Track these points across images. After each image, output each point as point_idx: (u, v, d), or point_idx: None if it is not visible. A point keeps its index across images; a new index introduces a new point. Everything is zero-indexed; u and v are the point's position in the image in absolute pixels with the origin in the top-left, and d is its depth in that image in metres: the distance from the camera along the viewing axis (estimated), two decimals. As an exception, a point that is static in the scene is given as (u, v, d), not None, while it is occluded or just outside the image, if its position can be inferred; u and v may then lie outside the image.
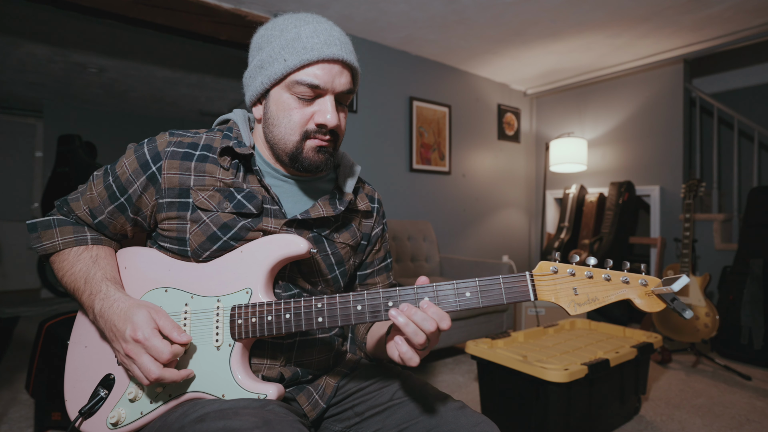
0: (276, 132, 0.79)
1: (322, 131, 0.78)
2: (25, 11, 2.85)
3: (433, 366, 2.65)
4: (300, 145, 0.78)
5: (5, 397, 2.14)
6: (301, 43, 0.75)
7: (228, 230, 0.78)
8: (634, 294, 0.66)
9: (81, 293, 0.78)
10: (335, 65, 0.77)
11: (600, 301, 0.66)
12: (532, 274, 0.68)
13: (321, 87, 0.76)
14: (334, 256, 0.87)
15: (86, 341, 0.83)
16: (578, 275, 0.67)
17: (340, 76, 0.78)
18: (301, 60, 0.74)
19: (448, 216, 3.67)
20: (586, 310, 0.67)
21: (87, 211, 0.83)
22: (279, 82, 0.77)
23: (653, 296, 0.66)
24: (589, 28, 2.94)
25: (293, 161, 0.79)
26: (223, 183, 0.80)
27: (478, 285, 0.69)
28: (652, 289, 0.66)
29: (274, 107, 0.79)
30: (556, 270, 0.68)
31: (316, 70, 0.75)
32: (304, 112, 0.77)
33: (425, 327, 0.65)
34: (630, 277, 0.67)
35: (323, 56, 0.75)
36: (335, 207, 0.85)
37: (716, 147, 3.45)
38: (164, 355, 0.68)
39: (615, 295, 0.66)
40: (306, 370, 0.83)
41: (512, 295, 0.68)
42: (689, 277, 2.62)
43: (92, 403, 0.76)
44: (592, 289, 0.67)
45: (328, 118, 0.76)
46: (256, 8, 2.65)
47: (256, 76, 0.80)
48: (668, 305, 0.66)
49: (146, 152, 0.80)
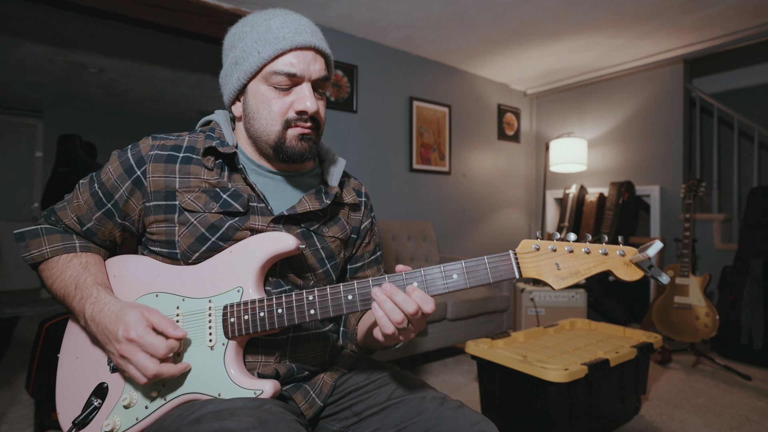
0: (257, 125, 0.80)
1: (303, 118, 0.79)
2: (25, 11, 2.85)
3: (433, 366, 2.65)
4: (282, 135, 0.79)
5: (5, 397, 2.14)
6: (272, 34, 0.77)
7: (216, 230, 0.78)
8: (613, 264, 0.69)
9: (72, 298, 0.77)
10: (309, 52, 0.78)
11: (582, 273, 0.69)
12: (515, 252, 0.69)
13: (297, 74, 0.77)
14: (324, 251, 0.87)
15: (77, 352, 0.82)
16: (559, 250, 0.69)
17: (315, 63, 0.79)
18: (275, 50, 0.76)
19: (448, 216, 3.67)
20: (570, 284, 0.69)
21: (75, 219, 0.83)
22: (255, 75, 0.79)
23: (632, 265, 0.68)
24: (589, 28, 2.94)
25: (277, 152, 0.80)
26: (209, 183, 0.80)
27: (464, 266, 0.70)
28: (629, 258, 0.68)
29: (253, 101, 0.80)
30: (538, 247, 0.69)
31: (291, 59, 0.77)
32: (284, 102, 0.78)
33: (405, 308, 0.66)
34: (608, 249, 0.69)
35: (296, 44, 0.76)
36: (321, 201, 0.85)
37: (716, 147, 3.45)
38: (161, 350, 0.69)
39: (596, 267, 0.69)
40: (301, 366, 0.83)
41: (498, 273, 0.69)
42: (690, 279, 2.64)
43: (86, 414, 0.76)
44: (573, 263, 0.69)
45: (307, 105, 0.77)
46: (256, 8, 2.65)
47: (231, 73, 0.81)
48: (646, 273, 0.68)
49: (130, 157, 0.81)
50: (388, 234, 2.97)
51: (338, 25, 2.94)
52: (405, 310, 0.66)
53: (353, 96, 3.09)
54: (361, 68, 3.14)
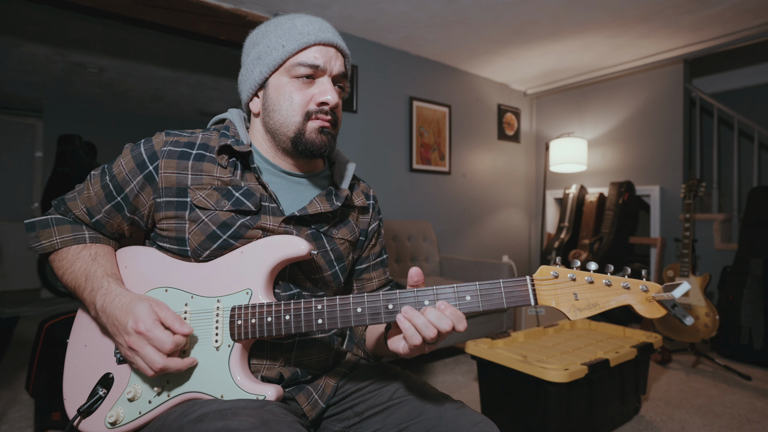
0: (277, 117, 0.81)
1: (324, 110, 0.81)
2: (25, 11, 2.85)
3: (433, 366, 2.65)
4: (302, 127, 0.80)
5: (5, 397, 2.14)
6: (297, 30, 0.80)
7: (227, 228, 0.78)
8: (634, 300, 0.66)
9: (82, 290, 0.78)
10: (331, 48, 0.82)
11: (600, 306, 0.66)
12: (532, 279, 0.68)
13: (321, 67, 0.80)
14: (333, 252, 0.87)
15: (86, 340, 0.83)
16: (579, 280, 0.67)
17: (336, 59, 0.82)
18: (300, 43, 0.79)
19: (448, 216, 3.67)
20: (587, 315, 0.66)
21: (84, 211, 0.83)
22: (278, 68, 0.81)
23: (654, 302, 0.65)
24: (589, 28, 2.94)
25: (296, 144, 0.81)
26: (221, 181, 0.80)
27: (478, 289, 0.68)
28: (652, 295, 0.65)
29: (274, 93, 0.81)
30: (556, 275, 0.67)
31: (315, 53, 0.80)
32: (305, 94, 0.80)
33: (439, 325, 0.65)
34: (631, 283, 0.66)
35: (320, 40, 0.80)
36: (332, 203, 0.86)
37: (716, 147, 3.45)
38: (167, 344, 0.69)
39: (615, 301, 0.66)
40: (305, 370, 0.83)
41: (513, 299, 0.67)
42: (690, 279, 2.64)
43: (91, 402, 0.76)
44: (592, 294, 0.66)
45: (328, 97, 0.80)
46: (256, 8, 2.65)
47: (253, 68, 0.82)
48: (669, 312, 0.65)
49: (143, 151, 0.81)
50: (389, 234, 2.97)
51: (338, 25, 2.94)
52: (440, 327, 0.65)
53: (353, 96, 3.10)
54: (361, 68, 3.14)
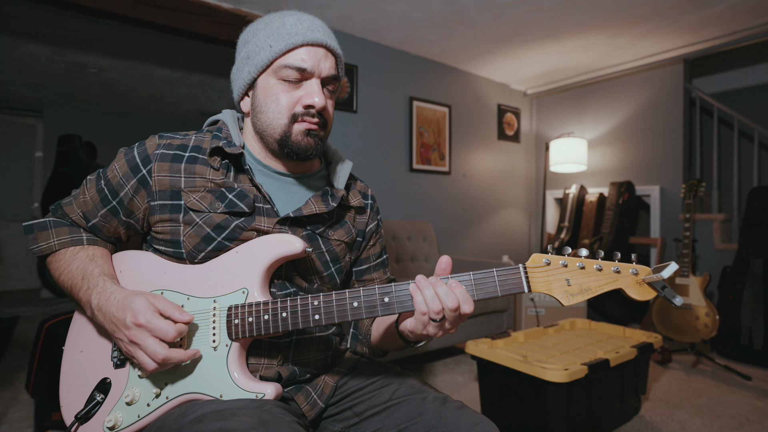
0: (264, 118, 0.80)
1: (310, 113, 0.79)
2: (25, 11, 2.85)
3: (433, 366, 2.65)
4: (288, 129, 0.79)
5: (5, 397, 2.14)
6: (285, 30, 0.78)
7: (222, 230, 0.78)
8: (625, 283, 0.67)
9: (78, 289, 0.78)
10: (320, 49, 0.79)
11: (592, 290, 0.67)
12: (525, 266, 0.69)
13: (308, 70, 0.78)
14: (329, 254, 0.87)
15: (81, 345, 0.82)
16: (570, 266, 0.68)
17: (325, 60, 0.80)
18: (287, 44, 0.77)
19: (448, 216, 3.67)
20: (579, 300, 0.68)
21: (80, 215, 0.84)
22: (266, 68, 0.80)
23: (644, 285, 0.67)
24: (589, 28, 2.94)
25: (282, 147, 0.80)
26: (214, 183, 0.80)
27: (472, 278, 0.69)
28: (642, 277, 0.67)
29: (262, 94, 0.80)
30: (548, 262, 0.69)
31: (302, 54, 0.78)
32: (292, 96, 0.79)
33: (445, 301, 0.66)
34: (621, 267, 0.68)
35: (308, 40, 0.78)
36: (327, 203, 0.85)
37: (716, 147, 3.45)
38: (170, 333, 0.69)
39: (607, 285, 0.67)
40: (304, 369, 0.83)
41: (506, 287, 0.69)
42: (690, 278, 2.64)
43: (88, 408, 0.76)
44: (584, 280, 0.68)
45: (315, 100, 0.78)
46: (256, 8, 2.65)
47: (243, 67, 0.82)
48: (659, 293, 0.66)
49: (136, 155, 0.81)
50: (388, 234, 2.97)
51: (338, 25, 2.94)
52: (445, 303, 0.66)
53: (353, 96, 3.09)
54: (361, 68, 3.14)
